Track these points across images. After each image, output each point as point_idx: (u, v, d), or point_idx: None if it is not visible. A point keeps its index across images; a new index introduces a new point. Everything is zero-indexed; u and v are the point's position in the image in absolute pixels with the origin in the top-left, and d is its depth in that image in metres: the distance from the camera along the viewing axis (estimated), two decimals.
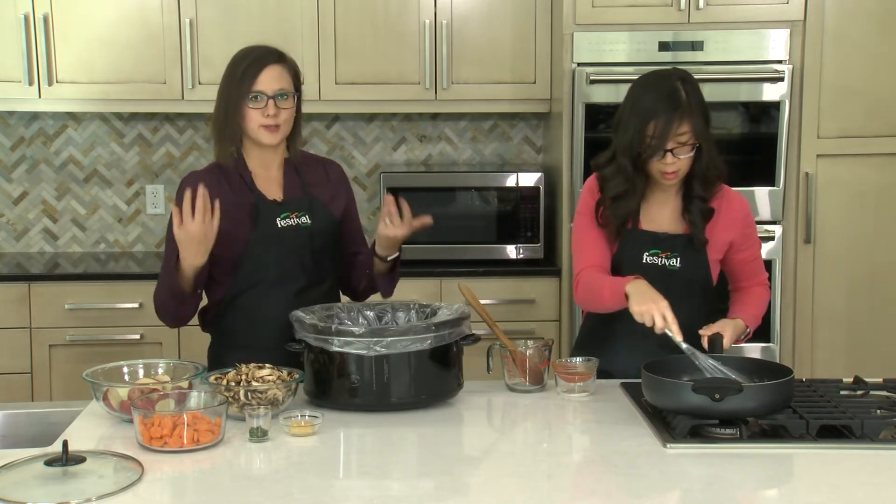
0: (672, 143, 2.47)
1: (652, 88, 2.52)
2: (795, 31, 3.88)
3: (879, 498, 1.87)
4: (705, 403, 2.10)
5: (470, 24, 4.16)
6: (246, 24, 4.09)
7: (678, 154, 2.49)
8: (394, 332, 2.32)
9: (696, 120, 2.48)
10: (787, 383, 2.18)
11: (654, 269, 2.57)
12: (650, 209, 2.62)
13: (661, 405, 2.22)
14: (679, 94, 2.48)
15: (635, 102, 2.52)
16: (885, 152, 3.95)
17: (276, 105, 2.56)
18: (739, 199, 2.67)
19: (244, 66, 2.57)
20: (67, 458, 1.90)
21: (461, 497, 1.92)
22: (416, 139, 4.57)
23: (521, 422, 2.39)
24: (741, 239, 2.64)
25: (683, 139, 2.48)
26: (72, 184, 4.51)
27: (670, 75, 2.54)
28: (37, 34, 4.06)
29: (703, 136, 2.50)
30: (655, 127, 2.47)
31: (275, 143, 2.60)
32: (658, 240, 2.60)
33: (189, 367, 2.39)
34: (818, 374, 3.89)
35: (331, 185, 2.78)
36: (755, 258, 2.70)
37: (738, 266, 2.68)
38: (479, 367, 2.58)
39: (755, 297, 2.68)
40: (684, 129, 2.47)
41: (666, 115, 2.46)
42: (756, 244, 2.71)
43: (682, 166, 2.52)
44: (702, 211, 2.59)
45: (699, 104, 2.51)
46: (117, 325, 3.96)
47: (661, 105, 2.47)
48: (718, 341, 2.43)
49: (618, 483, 1.93)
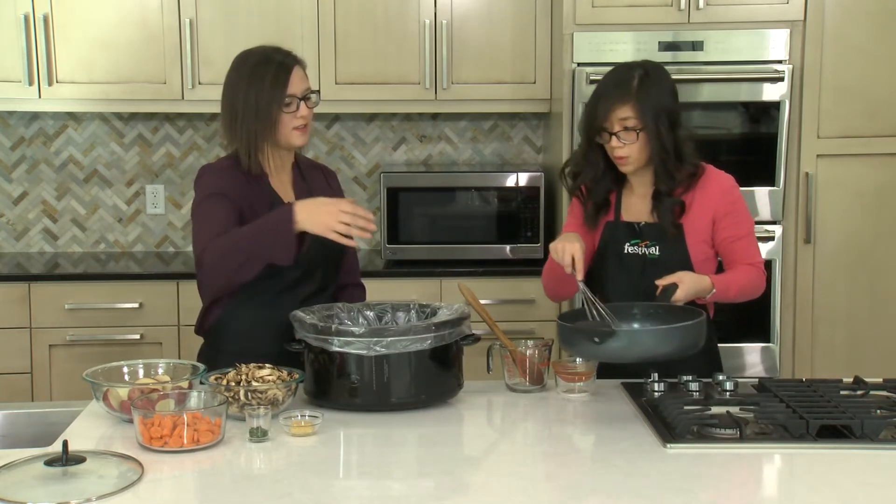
0: (617, 127, 2.54)
1: (610, 74, 2.63)
2: (795, 31, 3.88)
3: (879, 498, 1.87)
4: (592, 348, 2.24)
5: (470, 24, 4.16)
6: (246, 24, 4.09)
7: (623, 139, 2.55)
8: (394, 332, 2.32)
9: (643, 106, 2.53)
10: (669, 330, 2.26)
11: (635, 259, 2.62)
12: (630, 201, 2.68)
13: (565, 351, 2.40)
14: (629, 80, 2.56)
15: (596, 87, 2.64)
16: (885, 152, 3.95)
17: (306, 105, 2.59)
18: (720, 177, 2.66)
19: (272, 73, 2.55)
20: (67, 458, 1.90)
21: (461, 497, 1.92)
22: (416, 139, 4.57)
23: (521, 422, 2.39)
24: (721, 216, 2.62)
25: (628, 123, 2.54)
26: (72, 184, 4.51)
27: (633, 65, 2.63)
28: (37, 34, 4.06)
29: (650, 123, 2.54)
30: (597, 107, 2.56)
31: (305, 142, 2.64)
32: (637, 230, 2.65)
33: (189, 367, 2.39)
34: (818, 374, 3.89)
35: (332, 193, 2.79)
36: (740, 237, 2.62)
37: (724, 245, 2.63)
38: (479, 367, 2.58)
39: (738, 270, 2.61)
40: (627, 113, 2.54)
41: (608, 96, 2.56)
42: (741, 223, 2.64)
43: (633, 153, 2.57)
44: (664, 201, 2.60)
45: (654, 94, 2.56)
46: (117, 325, 3.96)
47: (608, 88, 2.58)
48: (670, 290, 2.43)
49: (618, 483, 1.93)
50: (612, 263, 2.65)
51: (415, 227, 4.13)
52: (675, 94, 2.62)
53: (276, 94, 2.55)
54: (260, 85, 2.55)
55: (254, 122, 2.56)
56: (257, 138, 2.57)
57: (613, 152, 2.58)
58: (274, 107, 2.55)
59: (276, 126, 2.57)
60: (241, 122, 2.57)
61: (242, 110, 2.57)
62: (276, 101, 2.55)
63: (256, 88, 2.55)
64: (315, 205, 2.41)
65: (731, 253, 2.63)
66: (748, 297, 2.63)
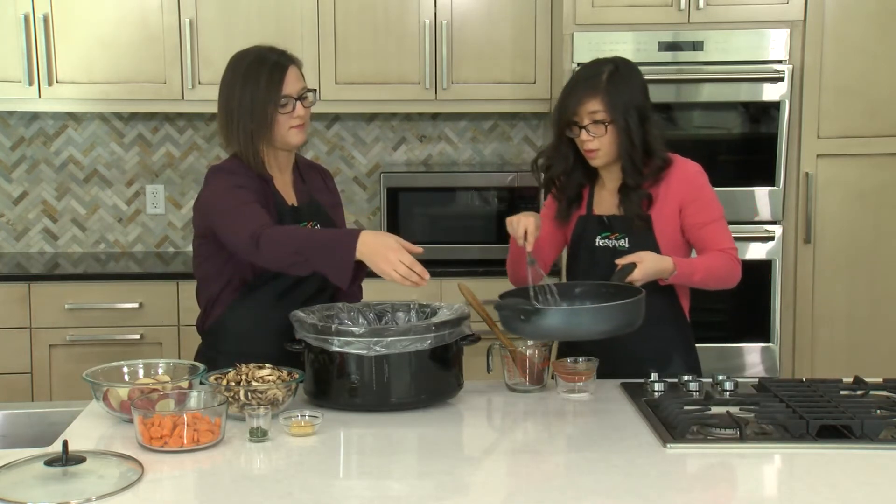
0: (587, 120, 2.58)
1: (581, 69, 2.69)
2: (795, 31, 3.88)
3: (879, 498, 1.87)
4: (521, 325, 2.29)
5: (470, 24, 4.16)
6: (246, 24, 4.09)
7: (592, 132, 2.58)
8: (394, 332, 2.32)
9: (612, 100, 2.57)
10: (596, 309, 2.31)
11: (606, 252, 2.65)
12: (602, 195, 2.71)
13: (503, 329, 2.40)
14: (599, 75, 2.60)
15: (567, 81, 2.68)
16: (886, 152, 3.94)
17: (303, 105, 2.58)
18: (685, 165, 2.67)
19: (266, 74, 2.55)
20: (67, 458, 1.90)
21: (461, 497, 1.92)
22: (416, 139, 4.57)
23: (521, 422, 2.39)
24: (687, 203, 2.63)
25: (597, 117, 2.58)
26: (72, 184, 4.51)
27: (604, 61, 2.67)
28: (37, 34, 4.06)
29: (619, 117, 2.56)
30: (567, 100, 2.61)
31: (304, 141, 2.64)
32: (606, 223, 2.67)
33: (189, 367, 2.39)
34: (818, 374, 3.89)
35: (330, 194, 2.79)
36: (708, 223, 2.62)
37: (693, 232, 2.63)
38: (479, 367, 2.58)
39: (707, 255, 2.60)
40: (595, 106, 2.57)
41: (578, 90, 2.60)
42: (709, 209, 2.64)
43: (602, 146, 2.60)
44: (631, 194, 2.62)
45: (623, 89, 2.59)
46: (117, 325, 3.96)
47: (579, 83, 2.62)
48: (627, 269, 2.44)
49: (618, 483, 1.93)
50: (584, 257, 2.70)
51: (415, 227, 4.13)
52: (645, 91, 2.65)
53: (271, 95, 2.54)
54: (255, 86, 2.55)
55: (249, 123, 2.55)
56: (254, 139, 2.57)
57: (583, 146, 2.62)
58: (269, 107, 2.54)
59: (272, 126, 2.56)
60: (237, 123, 2.57)
61: (238, 111, 2.56)
62: (272, 101, 2.54)
63: (252, 89, 2.55)
64: (378, 245, 2.32)
65: (701, 239, 2.64)
66: (720, 282, 2.61)
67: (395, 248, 2.31)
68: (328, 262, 2.37)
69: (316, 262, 2.38)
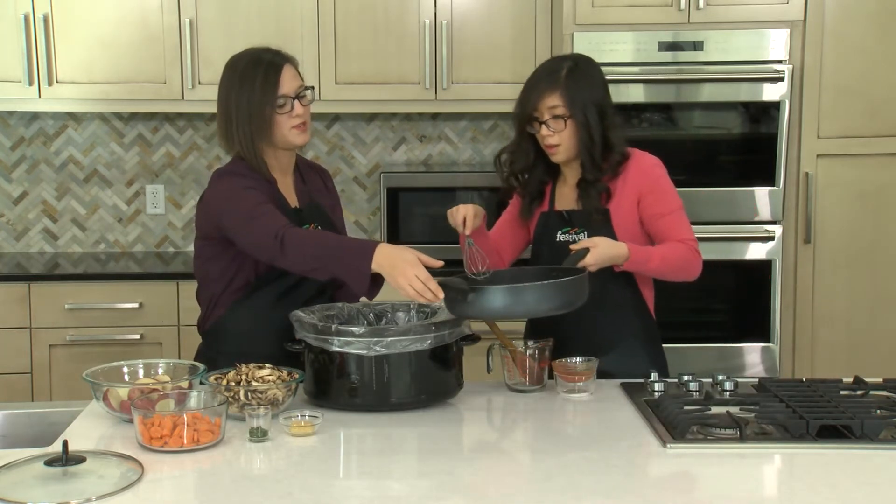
0: (546, 115, 2.60)
1: (541, 65, 2.71)
2: (795, 31, 3.88)
3: (879, 498, 1.87)
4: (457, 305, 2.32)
5: (470, 24, 4.16)
6: (246, 24, 4.09)
7: (552, 127, 2.60)
8: (394, 332, 2.32)
9: (571, 95, 2.59)
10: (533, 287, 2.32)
11: (566, 247, 2.62)
12: (563, 191, 2.73)
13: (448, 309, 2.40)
14: (559, 70, 2.62)
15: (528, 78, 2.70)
16: (886, 152, 3.95)
17: (301, 104, 2.57)
18: (643, 158, 2.68)
19: (261, 75, 2.54)
20: (67, 458, 1.90)
21: (461, 497, 1.92)
22: (416, 139, 4.57)
23: (521, 422, 2.39)
24: (644, 194, 2.63)
25: (556, 112, 2.60)
26: (72, 184, 4.51)
27: (564, 57, 2.72)
28: (37, 34, 4.06)
29: (577, 112, 2.58)
30: (528, 96, 2.63)
31: (307, 141, 2.62)
32: (566, 218, 2.69)
33: (189, 367, 2.39)
34: (818, 374, 3.89)
35: (330, 195, 2.79)
36: (665, 214, 2.62)
37: (650, 223, 2.63)
38: (479, 367, 2.58)
39: (665, 244, 2.60)
40: (555, 102, 2.59)
41: (538, 86, 2.62)
42: (666, 201, 2.63)
43: (562, 141, 2.61)
44: (589, 188, 2.63)
45: (583, 84, 2.61)
46: (117, 325, 3.96)
47: (538, 78, 2.64)
48: (580, 254, 2.44)
49: (618, 483, 1.93)
50: (546, 253, 2.71)
51: (415, 227, 4.13)
52: (605, 87, 2.67)
53: (267, 96, 2.53)
54: (251, 87, 2.54)
55: (248, 125, 2.55)
56: (253, 141, 2.56)
57: (544, 141, 2.64)
58: (266, 108, 2.53)
59: (270, 128, 2.55)
60: (236, 126, 2.56)
61: (237, 115, 2.56)
62: (269, 102, 2.53)
63: (248, 91, 2.54)
64: (397, 258, 2.33)
65: (659, 230, 2.63)
66: (678, 272, 2.60)
67: (412, 263, 2.32)
68: (346, 270, 2.38)
69: (334, 268, 2.39)
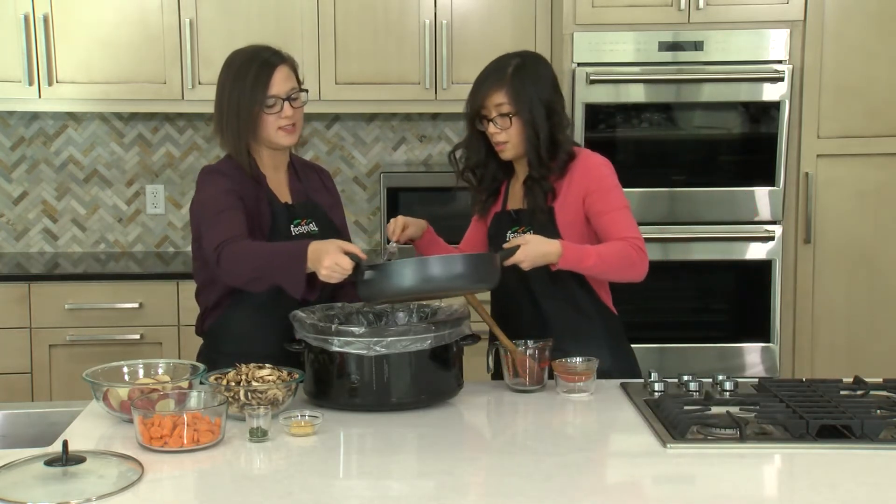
0: (493, 112, 2.60)
1: (490, 63, 2.70)
2: (795, 31, 3.88)
3: (879, 498, 1.87)
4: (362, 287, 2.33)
5: (470, 24, 4.16)
6: (246, 24, 4.09)
7: (499, 124, 2.60)
8: (394, 332, 2.32)
9: (517, 93, 2.59)
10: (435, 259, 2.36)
11: None
12: (514, 190, 2.74)
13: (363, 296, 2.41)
14: (506, 68, 2.62)
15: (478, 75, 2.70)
16: (886, 152, 3.95)
17: (291, 106, 2.57)
18: (589, 157, 2.67)
19: (253, 73, 2.54)
20: (67, 458, 1.90)
21: (461, 497, 1.92)
22: (416, 139, 4.57)
23: (521, 422, 2.39)
24: (589, 192, 2.62)
25: (503, 109, 2.60)
26: (72, 184, 4.51)
27: (512, 54, 2.69)
28: (37, 34, 4.06)
29: (523, 110, 2.59)
30: (476, 93, 2.64)
31: (293, 143, 2.61)
32: (515, 217, 2.70)
33: (189, 367, 2.39)
34: (818, 374, 3.89)
35: (329, 193, 2.78)
36: (608, 212, 2.60)
37: (595, 221, 2.62)
38: (479, 367, 2.58)
39: (606, 243, 2.57)
40: (501, 99, 2.60)
41: (485, 83, 2.63)
42: (610, 199, 2.61)
43: (510, 138, 2.62)
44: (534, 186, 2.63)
45: (529, 82, 2.61)
46: (117, 325, 3.96)
47: (486, 75, 2.65)
48: (507, 252, 2.44)
49: (618, 483, 1.93)
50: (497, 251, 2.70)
51: None
52: (553, 85, 2.66)
53: (256, 95, 2.53)
54: (242, 85, 2.54)
55: (236, 122, 2.55)
56: (241, 138, 2.56)
57: (493, 138, 2.64)
58: (255, 107, 2.53)
59: (257, 126, 2.55)
60: (226, 122, 2.57)
61: (227, 111, 2.56)
62: (258, 101, 2.53)
63: (239, 88, 2.54)
64: (320, 252, 2.32)
65: (603, 228, 2.60)
66: (620, 271, 2.55)
67: (331, 252, 2.31)
68: (283, 278, 2.38)
69: (272, 276, 2.40)
